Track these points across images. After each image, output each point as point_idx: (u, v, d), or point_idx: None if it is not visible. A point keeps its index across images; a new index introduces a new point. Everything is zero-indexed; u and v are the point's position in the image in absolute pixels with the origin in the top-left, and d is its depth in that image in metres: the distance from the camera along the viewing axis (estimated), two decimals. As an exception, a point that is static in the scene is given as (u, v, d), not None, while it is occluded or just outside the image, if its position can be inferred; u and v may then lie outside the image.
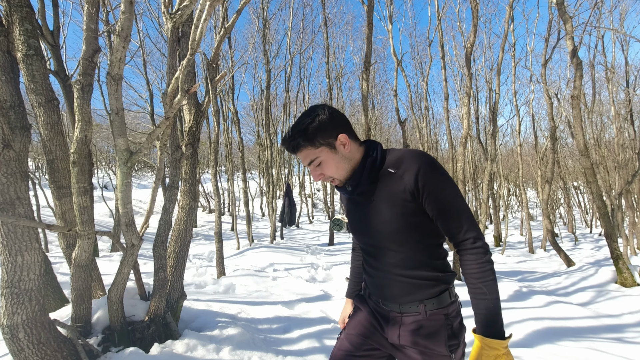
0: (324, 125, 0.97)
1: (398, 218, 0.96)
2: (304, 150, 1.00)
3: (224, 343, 2.42)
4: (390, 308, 1.06)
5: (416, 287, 1.01)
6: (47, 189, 10.88)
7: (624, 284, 4.81)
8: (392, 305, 1.05)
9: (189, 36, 2.58)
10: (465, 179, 7.03)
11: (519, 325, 3.21)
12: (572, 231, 14.40)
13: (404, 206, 0.95)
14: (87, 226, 2.03)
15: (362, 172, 1.00)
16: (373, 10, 4.80)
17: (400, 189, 0.95)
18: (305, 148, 0.99)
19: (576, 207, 20.35)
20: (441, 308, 1.00)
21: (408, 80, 9.71)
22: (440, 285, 1.01)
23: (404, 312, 1.03)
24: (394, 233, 0.99)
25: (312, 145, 0.98)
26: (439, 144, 19.09)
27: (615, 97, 9.30)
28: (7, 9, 1.95)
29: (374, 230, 1.02)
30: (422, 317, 1.00)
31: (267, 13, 10.90)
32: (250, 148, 25.45)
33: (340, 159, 1.00)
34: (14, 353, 1.73)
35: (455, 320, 1.03)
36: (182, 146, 2.70)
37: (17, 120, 1.80)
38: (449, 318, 1.01)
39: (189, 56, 1.75)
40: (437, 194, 0.93)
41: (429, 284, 1.01)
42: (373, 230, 1.03)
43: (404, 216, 0.96)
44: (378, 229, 1.01)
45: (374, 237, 1.04)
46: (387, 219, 0.98)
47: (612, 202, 7.48)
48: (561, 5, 5.17)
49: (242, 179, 10.73)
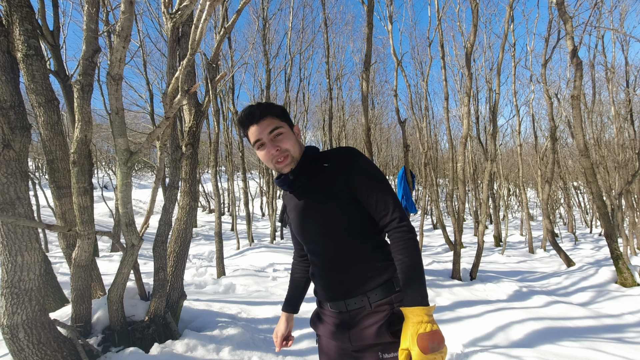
0: (286, 112, 1.09)
1: (335, 209, 1.02)
2: (269, 119, 1.04)
3: (224, 343, 2.42)
4: (337, 309, 1.05)
5: (360, 279, 1.01)
6: (47, 189, 10.87)
7: (624, 284, 4.81)
8: (339, 305, 1.05)
9: (189, 36, 2.58)
10: (465, 179, 7.03)
11: (519, 325, 3.20)
12: (572, 231, 14.39)
13: (340, 197, 1.01)
14: (87, 226, 2.03)
15: (304, 162, 1.06)
16: (373, 10, 4.80)
17: (335, 180, 1.01)
18: (271, 117, 1.04)
19: (576, 207, 20.36)
20: (385, 298, 0.99)
21: (408, 80, 9.70)
22: (383, 275, 1.01)
23: (350, 310, 1.02)
24: (333, 224, 1.02)
25: (277, 117, 1.05)
26: (439, 144, 19.09)
27: (615, 97, 9.30)
28: (7, 9, 1.95)
29: (315, 225, 1.06)
30: (368, 311, 1.00)
31: (267, 13, 10.90)
32: (250, 148, 25.38)
33: (296, 140, 1.08)
34: (14, 353, 1.73)
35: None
36: (182, 146, 2.70)
37: (17, 120, 1.80)
38: (394, 307, 0.99)
39: (189, 56, 1.75)
40: (365, 179, 1.00)
41: (372, 275, 1.01)
42: (314, 225, 1.06)
43: (341, 207, 1.01)
44: (319, 223, 1.05)
45: (316, 232, 1.07)
46: (327, 212, 1.03)
47: (612, 202, 7.48)
48: (561, 5, 5.17)
49: (242, 179, 10.74)
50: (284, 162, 1.04)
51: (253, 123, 1.04)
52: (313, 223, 1.07)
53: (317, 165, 1.06)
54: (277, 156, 1.04)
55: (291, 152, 1.04)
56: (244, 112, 1.05)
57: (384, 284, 1.01)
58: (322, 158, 1.08)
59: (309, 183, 1.06)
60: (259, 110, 1.03)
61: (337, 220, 1.02)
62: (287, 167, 1.05)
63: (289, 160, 1.05)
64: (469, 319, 3.42)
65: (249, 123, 1.05)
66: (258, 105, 1.05)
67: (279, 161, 1.04)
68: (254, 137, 1.05)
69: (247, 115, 1.04)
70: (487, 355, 2.50)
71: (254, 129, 1.04)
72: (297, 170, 1.06)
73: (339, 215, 1.02)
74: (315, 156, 1.08)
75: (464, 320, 3.37)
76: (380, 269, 1.02)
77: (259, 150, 1.07)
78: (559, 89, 11.06)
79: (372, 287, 1.00)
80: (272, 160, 1.05)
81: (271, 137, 1.03)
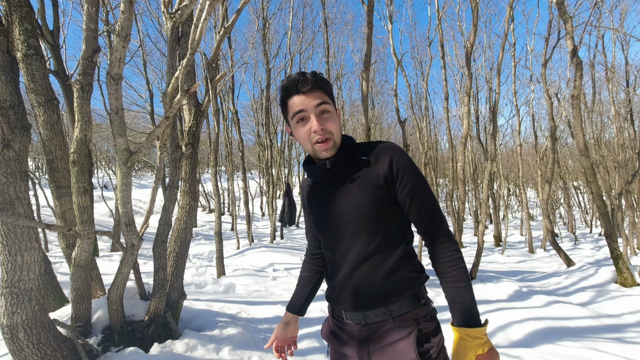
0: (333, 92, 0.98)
1: (370, 204, 0.90)
2: (319, 92, 0.91)
3: (223, 343, 2.42)
4: (356, 320, 0.94)
5: (384, 289, 0.91)
6: (47, 188, 10.88)
7: (624, 283, 4.81)
8: (358, 316, 0.93)
9: (188, 36, 2.58)
10: (465, 179, 7.03)
11: (519, 325, 3.20)
12: (572, 231, 14.39)
13: (376, 192, 0.91)
14: (86, 226, 2.02)
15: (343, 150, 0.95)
16: (373, 10, 4.80)
17: (374, 174, 0.91)
18: (322, 91, 0.92)
19: (576, 207, 20.36)
20: (410, 312, 0.90)
21: (408, 80, 9.70)
22: (408, 288, 0.91)
23: (370, 323, 0.92)
24: (364, 221, 0.91)
25: (327, 94, 0.94)
26: (439, 143, 19.10)
27: (615, 97, 9.30)
28: (7, 9, 1.95)
29: (344, 222, 0.94)
30: (390, 325, 0.90)
31: (267, 13, 10.91)
32: (250, 148, 25.45)
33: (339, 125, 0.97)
34: (14, 353, 1.73)
35: (429, 325, 0.91)
36: (182, 146, 2.70)
37: (17, 120, 1.79)
38: (420, 322, 0.90)
39: (189, 56, 1.75)
40: (411, 180, 0.90)
41: (397, 286, 0.91)
42: (343, 222, 0.94)
43: (376, 202, 0.90)
44: (349, 219, 0.93)
45: (344, 230, 0.94)
46: (358, 205, 0.91)
47: (612, 202, 7.47)
48: (561, 5, 5.16)
49: (242, 179, 10.73)
50: (325, 144, 0.91)
51: (300, 92, 0.90)
52: (342, 219, 0.94)
53: (354, 155, 0.96)
54: (320, 136, 0.90)
55: (334, 136, 0.92)
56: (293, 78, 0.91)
57: (408, 297, 0.91)
58: (358, 150, 0.97)
59: (343, 174, 0.95)
60: (313, 79, 0.89)
61: (370, 219, 0.91)
62: (326, 152, 0.92)
63: (331, 144, 0.92)
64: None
65: (296, 91, 0.91)
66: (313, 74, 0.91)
67: (319, 142, 0.91)
68: (298, 106, 0.90)
69: (297, 82, 0.90)
70: (487, 355, 2.50)
71: (300, 98, 0.90)
72: (335, 158, 0.94)
73: (373, 214, 0.90)
74: (353, 146, 0.97)
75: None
76: (407, 280, 0.91)
77: (297, 124, 0.93)
78: (559, 89, 11.07)
79: (396, 299, 0.90)
80: (311, 139, 0.91)
81: (317, 111, 0.90)
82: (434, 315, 0.95)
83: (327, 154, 0.92)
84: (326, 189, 0.99)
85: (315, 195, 1.03)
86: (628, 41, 9.28)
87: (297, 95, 0.91)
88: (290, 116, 0.93)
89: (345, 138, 0.98)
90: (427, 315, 0.92)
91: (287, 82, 0.91)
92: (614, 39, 9.30)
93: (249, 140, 24.47)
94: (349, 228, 0.93)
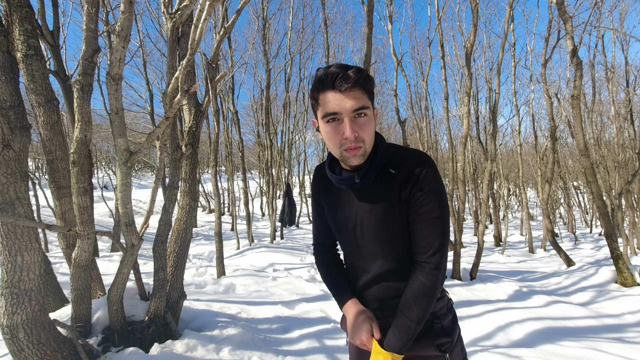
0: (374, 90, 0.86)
1: (393, 226, 0.89)
2: (360, 92, 0.81)
3: (224, 343, 2.42)
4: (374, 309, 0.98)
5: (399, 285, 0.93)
6: (47, 189, 10.88)
7: (624, 283, 4.81)
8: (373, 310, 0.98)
9: (188, 36, 2.58)
10: (465, 179, 7.03)
11: (519, 325, 3.20)
12: (572, 231, 14.39)
13: (402, 214, 0.88)
14: (87, 226, 2.03)
15: (373, 161, 0.87)
16: (373, 10, 4.80)
17: (398, 192, 0.87)
18: (363, 91, 0.81)
19: (576, 207, 20.35)
20: None
21: (408, 80, 9.71)
22: None
23: (387, 316, 0.94)
24: (387, 241, 0.91)
25: (368, 94, 0.83)
26: (439, 143, 19.09)
27: (615, 97, 9.30)
28: (7, 9, 1.95)
29: (365, 234, 0.93)
30: None
31: (267, 13, 10.90)
32: (250, 148, 25.46)
33: (374, 129, 0.86)
34: (14, 353, 1.73)
35: (446, 318, 0.94)
36: (182, 146, 2.70)
37: (17, 120, 1.80)
38: (437, 317, 0.93)
39: (189, 56, 1.75)
40: (426, 203, 0.85)
41: None
42: (364, 234, 0.93)
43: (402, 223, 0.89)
44: (370, 234, 0.92)
45: (366, 242, 0.94)
46: (383, 225, 0.90)
47: (612, 202, 7.47)
48: (561, 5, 5.17)
49: (242, 179, 10.73)
50: (355, 150, 0.83)
51: (337, 89, 0.79)
52: (365, 233, 0.94)
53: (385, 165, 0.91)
54: (351, 144, 0.82)
55: (366, 145, 0.84)
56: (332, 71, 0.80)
57: None
58: (389, 159, 0.91)
59: (369, 185, 0.91)
60: (355, 77, 0.78)
61: (392, 238, 0.90)
62: (355, 159, 0.85)
63: (361, 151, 0.84)
64: (469, 318, 3.42)
65: (332, 86, 0.80)
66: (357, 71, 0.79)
67: (349, 148, 0.83)
68: (332, 107, 0.80)
69: (335, 77, 0.79)
70: (487, 355, 2.50)
71: (336, 97, 0.80)
72: (364, 170, 0.87)
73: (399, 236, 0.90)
74: (384, 154, 0.91)
75: (464, 320, 3.37)
76: None
77: (327, 123, 0.83)
78: (559, 89, 11.07)
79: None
80: (341, 144, 0.83)
81: (353, 115, 0.81)
82: (450, 307, 0.97)
83: (357, 161, 0.85)
84: (348, 197, 0.95)
85: (336, 197, 0.99)
86: (628, 41, 9.28)
87: (333, 92, 0.80)
88: (321, 115, 0.84)
89: (377, 144, 0.90)
90: (443, 308, 0.94)
91: (324, 73, 0.81)
92: (614, 39, 9.30)
93: (249, 140, 24.49)
94: (372, 244, 0.93)
